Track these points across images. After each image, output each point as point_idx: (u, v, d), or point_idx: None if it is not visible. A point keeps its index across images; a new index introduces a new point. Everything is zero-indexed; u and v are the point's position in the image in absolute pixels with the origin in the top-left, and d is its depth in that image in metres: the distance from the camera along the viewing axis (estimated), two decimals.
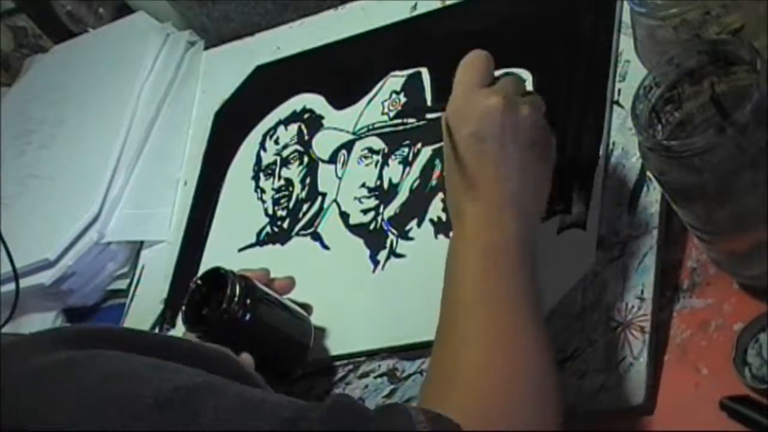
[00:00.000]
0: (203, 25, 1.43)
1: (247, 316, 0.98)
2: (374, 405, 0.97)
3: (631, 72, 1.00)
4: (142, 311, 1.23)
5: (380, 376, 1.00)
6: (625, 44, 1.01)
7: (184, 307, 1.00)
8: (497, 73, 1.09)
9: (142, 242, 1.29)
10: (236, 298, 0.97)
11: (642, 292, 0.88)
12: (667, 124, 0.81)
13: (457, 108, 0.85)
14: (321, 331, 1.05)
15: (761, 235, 0.79)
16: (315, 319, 1.05)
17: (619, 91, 1.00)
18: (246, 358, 0.97)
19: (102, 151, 1.33)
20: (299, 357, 1.03)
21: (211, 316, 0.98)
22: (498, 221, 0.81)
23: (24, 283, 1.25)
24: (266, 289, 1.02)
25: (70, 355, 0.68)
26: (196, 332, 0.99)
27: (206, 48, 1.42)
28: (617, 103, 1.00)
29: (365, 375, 1.01)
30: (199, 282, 1.01)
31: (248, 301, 0.98)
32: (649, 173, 0.90)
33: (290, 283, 1.06)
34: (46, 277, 1.24)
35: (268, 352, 1.01)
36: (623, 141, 0.97)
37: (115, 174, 1.30)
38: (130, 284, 1.27)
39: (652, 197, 0.92)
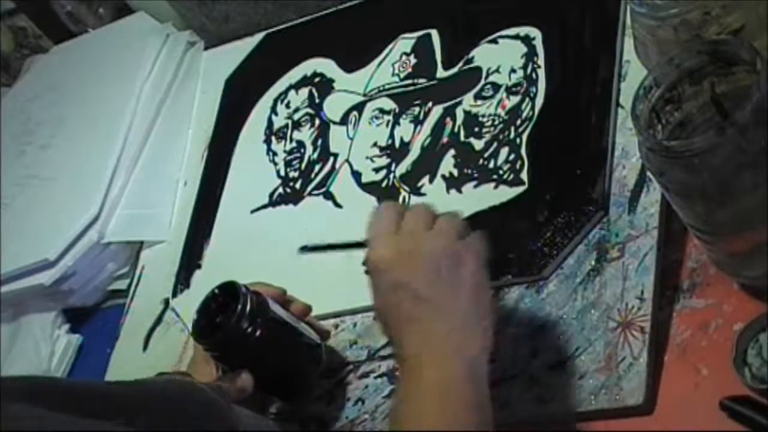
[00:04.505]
0: (203, 25, 1.43)
1: (256, 334, 0.95)
2: (374, 405, 0.98)
3: (631, 72, 1.00)
4: (142, 311, 1.23)
5: (380, 376, 1.00)
6: (625, 44, 1.01)
7: (196, 316, 0.98)
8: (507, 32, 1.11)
9: (142, 242, 1.29)
10: (246, 315, 0.95)
11: (642, 292, 0.88)
12: (667, 124, 0.81)
13: (381, 256, 0.81)
14: (329, 349, 1.03)
15: (761, 235, 0.79)
16: (330, 278, 1.05)
17: (619, 91, 1.01)
18: (245, 378, 0.95)
19: (102, 151, 1.33)
20: (306, 382, 1.01)
21: (221, 329, 0.96)
22: (442, 367, 0.78)
23: (24, 283, 1.26)
24: (280, 310, 0.99)
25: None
26: (203, 344, 0.97)
27: (206, 48, 1.42)
28: (617, 103, 1.00)
29: (365, 375, 1.01)
30: (216, 291, 0.99)
31: (258, 319, 0.95)
32: (649, 173, 0.90)
33: (306, 308, 1.02)
34: (46, 277, 1.24)
35: (274, 374, 0.99)
36: (623, 141, 0.98)
37: (115, 174, 1.30)
38: (130, 284, 1.27)
39: (652, 197, 0.92)
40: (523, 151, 1.04)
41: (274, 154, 1.25)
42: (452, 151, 1.09)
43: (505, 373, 0.91)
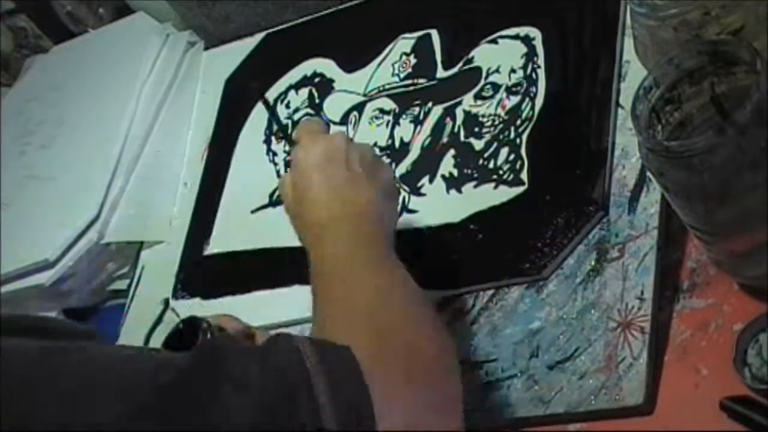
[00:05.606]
0: (203, 25, 1.43)
1: None
2: None
3: (631, 72, 1.00)
4: (142, 311, 1.23)
5: None
6: (625, 44, 1.01)
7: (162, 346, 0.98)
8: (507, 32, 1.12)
9: (142, 242, 1.29)
10: None
11: (642, 292, 0.88)
12: (667, 124, 0.81)
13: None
14: None
15: (762, 235, 0.79)
16: None
17: (619, 91, 1.01)
18: None
19: (102, 151, 1.33)
20: None
21: None
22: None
23: (23, 283, 1.26)
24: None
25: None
26: None
27: (206, 48, 1.42)
28: (617, 103, 1.00)
29: None
30: (180, 326, 0.98)
31: None
32: (649, 173, 0.90)
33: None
34: (45, 278, 1.24)
35: None
36: (623, 141, 0.98)
37: (115, 174, 1.30)
38: (130, 284, 1.27)
39: (652, 197, 0.92)
40: (523, 151, 1.04)
41: (274, 154, 1.25)
42: (452, 151, 1.09)
43: (505, 373, 0.92)
